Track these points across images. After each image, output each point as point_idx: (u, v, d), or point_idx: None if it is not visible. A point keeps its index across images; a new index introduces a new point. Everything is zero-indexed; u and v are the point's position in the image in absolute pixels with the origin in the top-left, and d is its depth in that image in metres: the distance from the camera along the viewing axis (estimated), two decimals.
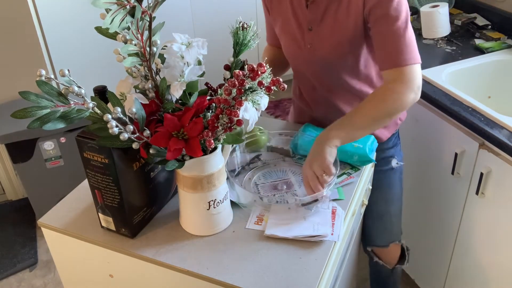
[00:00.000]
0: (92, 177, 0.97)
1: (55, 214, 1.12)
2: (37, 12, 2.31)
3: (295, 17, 1.26)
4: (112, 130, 0.83)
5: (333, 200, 1.12)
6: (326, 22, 1.22)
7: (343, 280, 1.26)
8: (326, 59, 1.26)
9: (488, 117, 1.41)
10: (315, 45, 1.25)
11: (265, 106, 0.95)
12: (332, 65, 1.27)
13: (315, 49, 1.26)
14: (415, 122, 1.66)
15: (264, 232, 1.03)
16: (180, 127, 0.89)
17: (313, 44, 1.25)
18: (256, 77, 0.84)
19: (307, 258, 0.97)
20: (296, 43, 1.29)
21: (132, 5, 0.82)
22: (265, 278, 0.93)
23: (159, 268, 0.99)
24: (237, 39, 0.99)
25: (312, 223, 1.04)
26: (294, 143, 1.27)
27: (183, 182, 0.97)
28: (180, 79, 0.92)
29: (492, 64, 1.72)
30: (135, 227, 1.03)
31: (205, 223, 1.02)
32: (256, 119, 0.95)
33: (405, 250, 1.60)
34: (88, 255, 1.08)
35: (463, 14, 2.02)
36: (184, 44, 0.93)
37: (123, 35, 0.86)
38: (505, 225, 1.41)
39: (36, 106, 0.79)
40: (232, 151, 1.19)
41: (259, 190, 1.16)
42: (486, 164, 1.40)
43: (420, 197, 1.76)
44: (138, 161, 0.98)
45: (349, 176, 1.20)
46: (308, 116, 1.44)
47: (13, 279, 2.19)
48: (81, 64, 2.55)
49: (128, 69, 0.95)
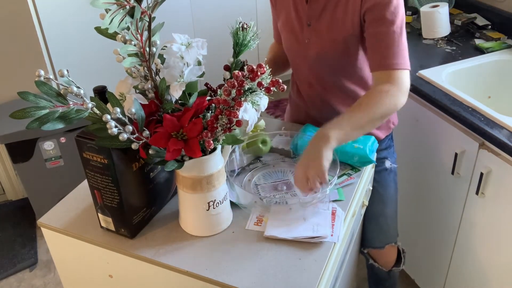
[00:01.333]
0: (92, 177, 0.97)
1: (55, 214, 1.12)
2: (37, 12, 2.31)
3: (296, 12, 1.28)
4: (111, 130, 0.83)
5: (333, 201, 1.12)
6: (324, 18, 1.23)
7: (343, 280, 1.26)
8: (321, 55, 1.28)
9: (488, 117, 1.41)
10: (312, 40, 1.28)
11: (265, 106, 0.95)
12: (327, 62, 1.29)
13: (312, 44, 1.28)
14: (415, 122, 1.66)
15: (264, 233, 1.03)
16: (180, 127, 0.88)
17: (311, 39, 1.28)
18: (256, 78, 0.84)
19: (307, 259, 0.97)
20: (295, 38, 1.32)
21: (132, 5, 0.82)
22: (265, 279, 0.92)
23: (159, 269, 0.98)
24: (237, 39, 0.99)
25: (312, 224, 1.04)
26: (294, 143, 1.26)
27: (183, 183, 0.97)
28: (179, 79, 0.92)
29: (492, 64, 1.72)
30: (135, 227, 1.03)
31: (205, 224, 1.02)
32: (256, 120, 0.95)
33: (401, 252, 1.59)
34: (88, 255, 1.08)
35: (463, 14, 2.02)
36: (183, 44, 0.93)
37: (122, 35, 0.86)
38: (505, 225, 1.41)
39: (35, 107, 0.79)
40: (231, 152, 1.19)
41: (259, 191, 1.16)
42: (486, 164, 1.40)
43: (420, 197, 1.76)
44: (138, 161, 0.98)
45: (349, 177, 1.20)
46: (304, 113, 1.45)
47: (13, 279, 2.19)
48: (81, 64, 2.55)
49: (127, 69, 0.95)
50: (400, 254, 1.60)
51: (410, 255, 1.88)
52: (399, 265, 1.60)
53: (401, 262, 1.60)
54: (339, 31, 1.22)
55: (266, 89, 0.85)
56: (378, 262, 1.59)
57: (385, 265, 1.60)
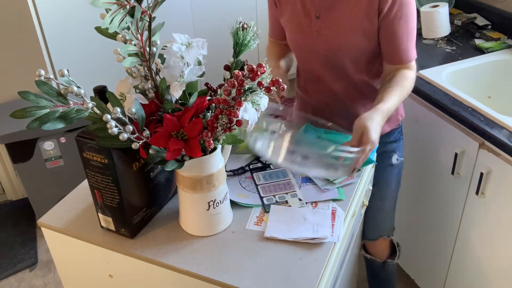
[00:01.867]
0: (92, 177, 0.97)
1: (55, 214, 1.12)
2: (37, 12, 2.31)
3: (302, 5, 1.29)
4: (112, 130, 0.83)
5: (333, 200, 1.12)
6: (335, 10, 1.24)
7: (343, 280, 1.26)
8: (331, 46, 1.28)
9: (488, 117, 1.41)
10: (322, 32, 1.27)
11: (265, 106, 0.95)
12: (336, 54, 1.29)
13: (321, 36, 1.28)
14: (415, 122, 1.66)
15: (264, 233, 1.03)
16: (180, 127, 0.89)
17: (320, 31, 1.28)
18: (256, 78, 0.84)
19: (307, 259, 0.97)
20: (302, 31, 1.31)
21: (132, 5, 0.82)
22: (265, 279, 0.92)
23: (159, 269, 0.98)
24: (237, 39, 0.99)
25: (312, 224, 1.04)
26: None
27: (183, 183, 0.97)
28: (180, 79, 0.92)
29: (492, 64, 1.72)
30: (135, 227, 1.03)
31: (205, 224, 1.02)
32: (256, 120, 0.95)
33: (396, 246, 1.61)
34: (88, 255, 1.08)
35: (463, 14, 2.02)
36: (184, 44, 0.93)
37: (122, 35, 0.86)
38: (505, 225, 1.41)
39: (35, 106, 0.79)
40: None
41: (259, 191, 1.16)
42: (486, 164, 1.40)
43: (420, 197, 1.76)
44: (138, 161, 0.98)
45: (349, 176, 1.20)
46: (310, 106, 1.46)
47: (13, 279, 2.18)
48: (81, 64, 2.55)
49: (128, 69, 0.95)
50: (395, 248, 1.61)
51: (410, 255, 1.88)
52: (393, 258, 1.62)
53: (395, 255, 1.62)
54: (351, 22, 1.23)
55: (266, 89, 0.85)
56: (371, 253, 1.62)
57: (379, 257, 1.63)
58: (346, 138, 1.24)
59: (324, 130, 1.30)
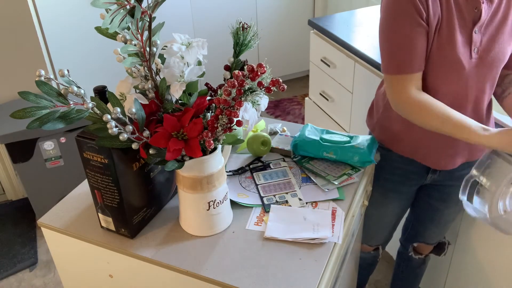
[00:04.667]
0: (92, 177, 0.97)
1: (55, 214, 1.12)
2: (37, 12, 2.31)
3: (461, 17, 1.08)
4: (112, 130, 0.83)
5: (333, 200, 1.12)
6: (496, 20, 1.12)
7: (344, 280, 1.26)
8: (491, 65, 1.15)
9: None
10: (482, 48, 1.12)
11: (265, 106, 0.95)
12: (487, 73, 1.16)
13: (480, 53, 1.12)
14: None
15: (264, 234, 1.03)
16: (180, 127, 0.89)
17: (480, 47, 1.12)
18: (256, 78, 0.84)
19: (307, 259, 0.97)
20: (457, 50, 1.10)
21: (132, 5, 0.82)
22: (265, 279, 0.92)
23: (159, 269, 0.99)
24: (237, 39, 0.99)
25: (312, 224, 1.04)
26: (294, 143, 1.26)
27: (183, 183, 0.97)
28: (180, 79, 0.92)
29: None
30: (135, 227, 1.03)
31: (205, 224, 1.02)
32: (256, 120, 0.95)
33: (446, 244, 1.61)
34: (88, 255, 1.08)
35: None
36: (184, 44, 0.93)
37: (123, 35, 0.86)
38: None
39: (35, 106, 0.79)
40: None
41: (259, 191, 1.16)
42: None
43: None
44: (138, 161, 0.98)
45: (349, 177, 1.20)
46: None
47: (13, 279, 2.19)
48: (81, 64, 2.56)
49: (128, 69, 0.95)
50: (444, 246, 1.62)
51: None
52: (439, 254, 1.62)
53: (439, 251, 1.62)
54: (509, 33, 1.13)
55: (266, 89, 0.85)
56: (420, 252, 1.63)
57: (422, 254, 1.64)
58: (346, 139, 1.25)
59: (324, 130, 1.30)
